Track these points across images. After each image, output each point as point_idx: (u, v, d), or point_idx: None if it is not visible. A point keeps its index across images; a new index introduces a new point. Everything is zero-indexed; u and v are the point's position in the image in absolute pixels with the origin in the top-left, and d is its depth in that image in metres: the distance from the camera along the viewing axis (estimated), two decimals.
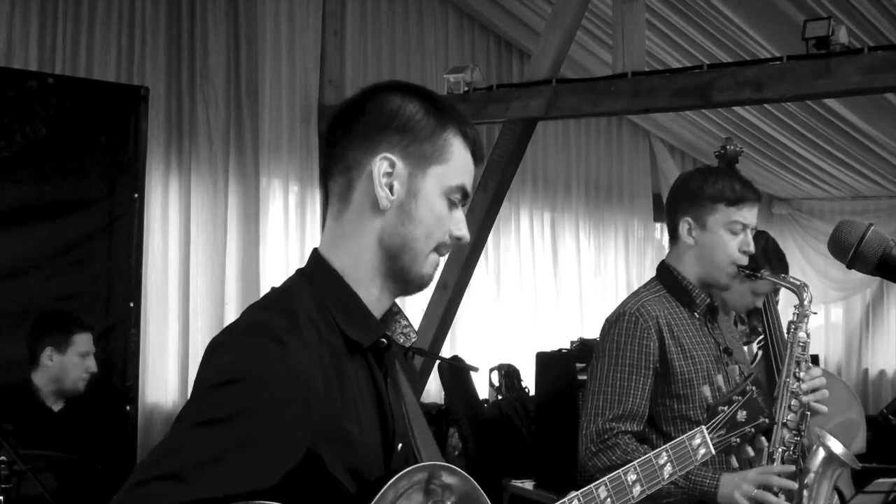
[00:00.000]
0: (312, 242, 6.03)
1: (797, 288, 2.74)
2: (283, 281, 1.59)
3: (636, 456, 2.50)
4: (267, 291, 1.58)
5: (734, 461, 2.19)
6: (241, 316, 1.51)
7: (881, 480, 2.65)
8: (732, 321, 3.17)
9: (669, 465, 1.93)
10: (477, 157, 1.60)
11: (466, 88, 5.42)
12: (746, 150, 7.71)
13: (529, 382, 6.20)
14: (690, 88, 4.82)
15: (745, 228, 2.69)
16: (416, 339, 1.64)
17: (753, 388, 2.09)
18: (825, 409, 2.67)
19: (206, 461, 1.32)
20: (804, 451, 2.65)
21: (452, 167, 1.56)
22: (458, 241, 1.59)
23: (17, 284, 4.35)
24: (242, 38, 5.86)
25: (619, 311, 2.72)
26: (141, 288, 4.83)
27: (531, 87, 5.26)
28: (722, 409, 2.07)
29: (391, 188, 1.53)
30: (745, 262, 2.70)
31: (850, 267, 1.80)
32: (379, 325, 1.57)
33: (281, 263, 5.93)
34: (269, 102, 5.94)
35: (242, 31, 5.86)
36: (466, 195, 1.60)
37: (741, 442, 2.07)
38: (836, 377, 3.53)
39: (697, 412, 2.60)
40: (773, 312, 3.16)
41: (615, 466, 2.50)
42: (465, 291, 5.74)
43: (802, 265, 9.59)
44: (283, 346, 1.40)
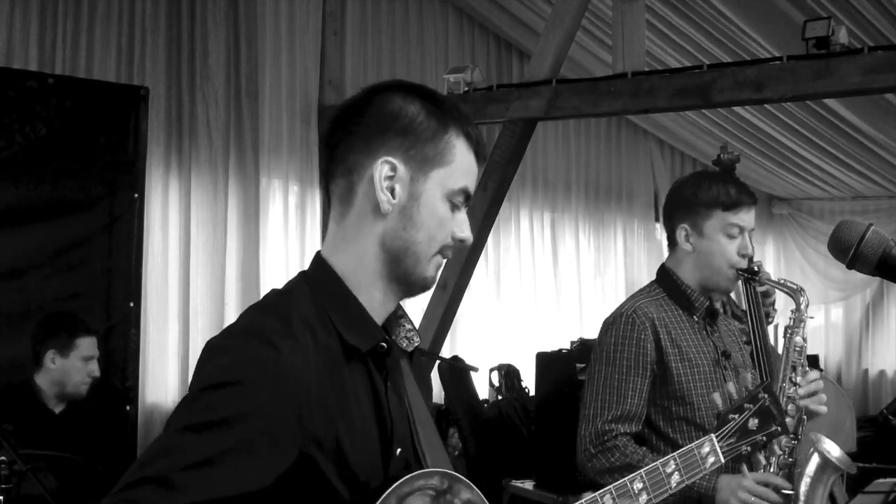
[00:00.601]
0: (312, 242, 6.03)
1: (794, 292, 2.74)
2: (284, 282, 1.59)
3: (635, 458, 2.51)
4: (267, 293, 1.57)
5: (745, 469, 2.18)
6: (238, 318, 1.51)
7: (881, 480, 2.65)
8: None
9: (677, 473, 1.89)
10: (480, 157, 1.59)
11: (466, 88, 5.41)
12: (746, 150, 7.74)
13: (529, 383, 6.21)
14: (690, 88, 4.81)
15: (742, 232, 2.69)
16: (419, 342, 1.62)
17: (766, 395, 2.05)
18: (825, 409, 2.67)
19: (195, 464, 1.32)
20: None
21: (455, 169, 1.55)
22: (461, 242, 1.58)
23: (17, 284, 4.34)
24: (242, 38, 5.86)
25: (616, 312, 2.73)
26: (141, 288, 4.82)
27: (531, 87, 5.25)
28: (732, 416, 2.03)
29: (392, 192, 1.52)
30: (744, 265, 2.69)
31: (849, 267, 1.80)
32: (379, 329, 1.56)
33: (281, 264, 5.93)
34: (269, 102, 5.94)
35: (242, 31, 5.86)
36: (469, 196, 1.58)
37: (752, 451, 2.04)
38: (826, 378, 3.52)
39: (695, 414, 2.61)
40: (759, 320, 3.14)
41: (614, 468, 2.52)
42: (465, 292, 5.73)
43: (802, 265, 9.60)
44: (276, 349, 1.40)
